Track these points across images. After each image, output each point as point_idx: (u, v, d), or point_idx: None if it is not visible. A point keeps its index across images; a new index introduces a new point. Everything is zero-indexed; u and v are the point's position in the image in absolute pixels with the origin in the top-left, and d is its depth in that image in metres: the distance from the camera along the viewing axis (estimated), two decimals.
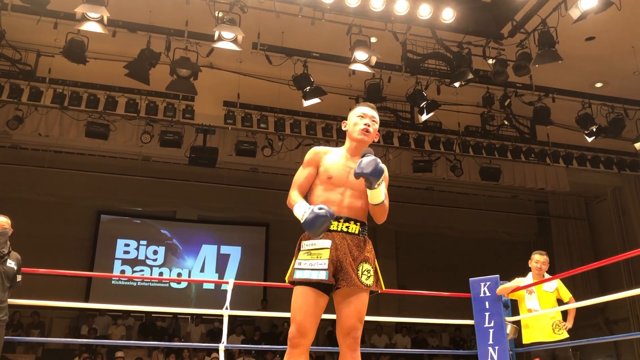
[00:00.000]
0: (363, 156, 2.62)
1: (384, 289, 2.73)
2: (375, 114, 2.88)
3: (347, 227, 2.65)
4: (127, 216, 13.30)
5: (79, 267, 11.46)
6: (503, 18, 7.92)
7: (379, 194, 2.61)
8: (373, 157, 2.58)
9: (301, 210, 2.56)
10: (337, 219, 2.64)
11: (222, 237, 13.58)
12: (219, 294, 12.39)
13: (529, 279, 5.02)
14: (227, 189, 12.63)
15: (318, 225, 2.47)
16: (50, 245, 11.53)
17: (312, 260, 2.59)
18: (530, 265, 5.08)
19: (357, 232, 2.67)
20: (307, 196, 2.79)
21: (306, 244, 2.66)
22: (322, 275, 2.54)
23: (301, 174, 2.80)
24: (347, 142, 2.88)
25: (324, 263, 2.56)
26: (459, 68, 7.94)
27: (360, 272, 2.60)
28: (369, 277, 2.62)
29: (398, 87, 8.82)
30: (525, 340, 4.95)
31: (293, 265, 2.67)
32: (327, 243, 2.60)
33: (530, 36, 7.69)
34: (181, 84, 7.95)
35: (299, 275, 2.60)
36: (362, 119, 2.83)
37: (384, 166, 2.59)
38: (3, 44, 7.87)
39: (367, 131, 2.80)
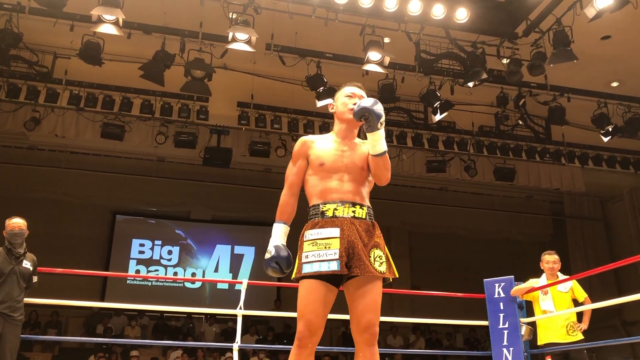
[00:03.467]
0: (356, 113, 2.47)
1: (397, 275, 2.53)
2: (363, 93, 2.73)
3: (354, 211, 2.49)
4: (142, 216, 13.40)
5: (94, 267, 11.55)
6: (517, 17, 7.87)
7: (380, 138, 2.46)
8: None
9: (272, 240, 2.54)
10: (343, 204, 2.49)
11: (236, 237, 13.62)
12: (232, 294, 12.44)
13: (543, 280, 4.98)
14: (241, 189, 12.67)
15: (269, 270, 2.48)
16: (66, 245, 11.64)
17: (319, 251, 2.41)
18: (542, 267, 5.05)
19: (364, 216, 2.51)
20: (303, 188, 2.67)
21: (310, 234, 2.48)
22: (334, 266, 2.37)
23: (291, 170, 2.65)
24: (337, 125, 2.71)
25: (335, 253, 2.39)
26: (473, 68, 7.91)
27: (372, 259, 2.42)
28: (381, 263, 2.45)
29: (411, 87, 8.80)
30: (539, 342, 4.91)
31: (299, 260, 2.48)
32: (335, 232, 2.43)
33: (545, 35, 7.64)
34: (195, 85, 8.00)
35: (307, 269, 2.41)
36: (351, 99, 2.67)
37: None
38: (20, 46, 7.97)
39: None
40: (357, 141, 2.69)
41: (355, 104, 2.60)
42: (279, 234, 2.55)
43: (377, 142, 2.47)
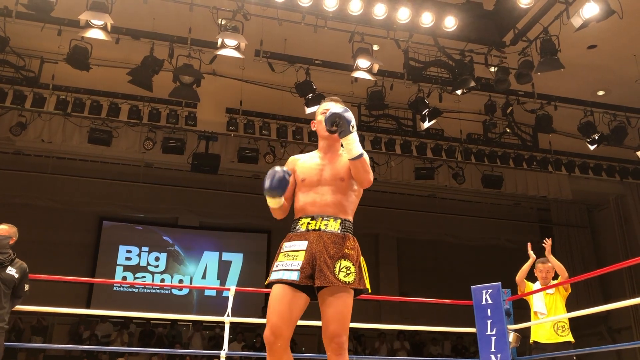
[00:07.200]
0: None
1: (368, 286, 2.61)
2: (339, 106, 2.73)
3: (326, 224, 2.61)
4: (129, 222, 13.30)
5: (80, 273, 11.44)
6: (505, 26, 7.93)
7: (354, 142, 2.53)
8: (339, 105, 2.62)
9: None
10: (316, 218, 2.62)
11: (223, 244, 13.56)
12: (220, 301, 12.37)
13: (537, 286, 5.17)
14: (229, 196, 12.63)
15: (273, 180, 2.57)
16: (52, 251, 11.53)
17: (287, 262, 2.58)
18: (536, 275, 5.19)
19: (337, 229, 2.60)
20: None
21: (285, 246, 2.67)
22: (294, 276, 2.51)
23: None
24: (319, 142, 2.84)
25: (298, 264, 2.53)
26: (461, 76, 7.95)
27: (337, 269, 2.51)
28: (348, 274, 2.51)
29: (400, 95, 8.83)
30: (530, 340, 5.13)
31: (271, 269, 2.66)
32: (303, 245, 2.59)
33: (532, 44, 7.70)
34: (184, 90, 7.97)
35: (273, 276, 2.60)
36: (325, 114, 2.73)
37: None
38: (7, 50, 7.90)
39: None
40: (341, 151, 2.77)
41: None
42: None
43: (351, 145, 2.55)
